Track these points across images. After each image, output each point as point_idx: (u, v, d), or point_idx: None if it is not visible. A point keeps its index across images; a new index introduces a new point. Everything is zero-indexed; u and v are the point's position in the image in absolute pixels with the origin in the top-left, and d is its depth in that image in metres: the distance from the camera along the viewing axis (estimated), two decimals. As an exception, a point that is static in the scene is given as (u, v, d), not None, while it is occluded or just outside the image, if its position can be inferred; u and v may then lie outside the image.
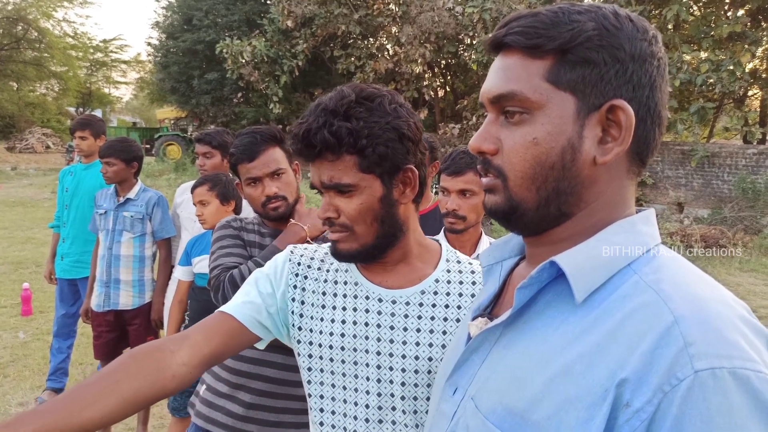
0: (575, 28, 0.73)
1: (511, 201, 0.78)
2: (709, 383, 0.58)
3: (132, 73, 40.62)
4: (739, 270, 8.47)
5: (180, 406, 2.77)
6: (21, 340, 5.15)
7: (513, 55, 0.77)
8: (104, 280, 3.37)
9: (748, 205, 11.37)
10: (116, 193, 3.41)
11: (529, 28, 0.74)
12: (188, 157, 20.92)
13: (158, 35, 23.23)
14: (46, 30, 30.65)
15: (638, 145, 0.75)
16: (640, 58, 0.73)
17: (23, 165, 23.15)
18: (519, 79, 0.75)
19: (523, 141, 0.75)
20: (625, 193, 0.77)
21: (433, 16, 14.80)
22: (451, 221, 2.12)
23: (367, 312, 1.20)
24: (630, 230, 0.75)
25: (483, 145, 0.79)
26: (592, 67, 0.72)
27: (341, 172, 1.12)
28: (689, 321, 0.62)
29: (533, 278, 0.74)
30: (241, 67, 17.13)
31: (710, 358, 0.59)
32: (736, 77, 11.63)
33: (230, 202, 2.76)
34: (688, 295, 0.66)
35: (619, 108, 0.72)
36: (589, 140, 0.74)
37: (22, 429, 0.90)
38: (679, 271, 0.71)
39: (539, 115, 0.74)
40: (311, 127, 1.11)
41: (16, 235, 9.90)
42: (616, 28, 0.73)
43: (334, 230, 1.18)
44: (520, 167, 0.76)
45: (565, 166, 0.74)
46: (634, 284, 0.69)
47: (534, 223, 0.79)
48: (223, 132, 3.38)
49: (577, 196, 0.76)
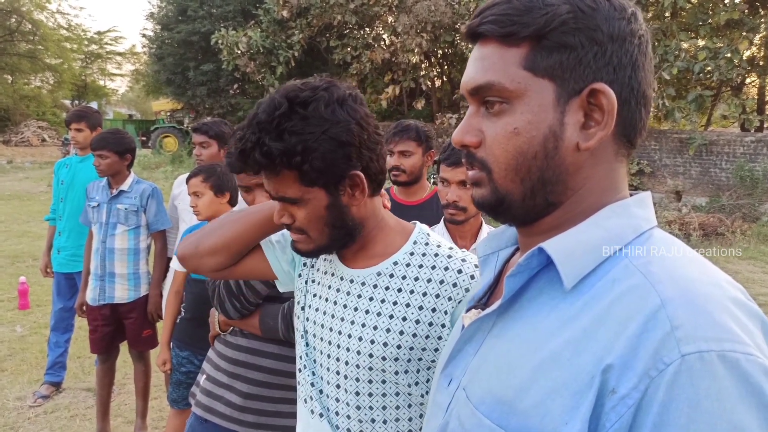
0: (549, 12, 0.70)
1: (497, 193, 0.77)
2: (697, 367, 0.56)
3: (127, 65, 40.52)
4: (737, 258, 8.48)
5: (179, 398, 2.75)
6: (18, 334, 5.13)
7: (489, 44, 0.75)
8: (99, 274, 3.34)
9: (746, 192, 11.38)
10: (109, 185, 3.38)
11: (502, 16, 0.73)
12: (185, 149, 20.85)
13: (153, 26, 23.08)
14: (39, 22, 30.45)
15: (624, 127, 0.74)
16: (619, 38, 0.71)
17: (19, 158, 23.07)
18: (496, 69, 0.74)
19: (504, 132, 0.74)
20: (615, 177, 0.76)
21: (429, 5, 14.72)
22: (452, 212, 2.11)
23: (338, 291, 1.26)
24: (622, 213, 0.73)
25: (465, 138, 0.78)
26: (569, 51, 0.71)
27: (284, 186, 1.13)
28: (676, 303, 0.60)
29: (521, 266, 0.74)
30: (237, 58, 17.03)
31: (698, 341, 0.57)
32: (734, 65, 11.61)
33: (225, 194, 2.73)
34: (678, 277, 0.64)
35: (599, 91, 0.71)
36: (571, 126, 0.72)
37: None
38: (671, 253, 0.69)
39: (518, 105, 0.73)
40: (245, 147, 1.10)
41: (12, 228, 9.87)
42: (592, 9, 0.71)
43: (291, 233, 1.22)
44: (503, 158, 0.74)
45: (548, 155, 0.73)
46: (623, 268, 0.68)
47: (522, 214, 0.78)
48: (220, 122, 3.37)
49: (563, 184, 0.74)
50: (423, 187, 2.86)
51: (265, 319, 1.81)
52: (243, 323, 1.86)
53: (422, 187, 2.86)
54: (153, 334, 3.50)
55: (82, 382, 4.22)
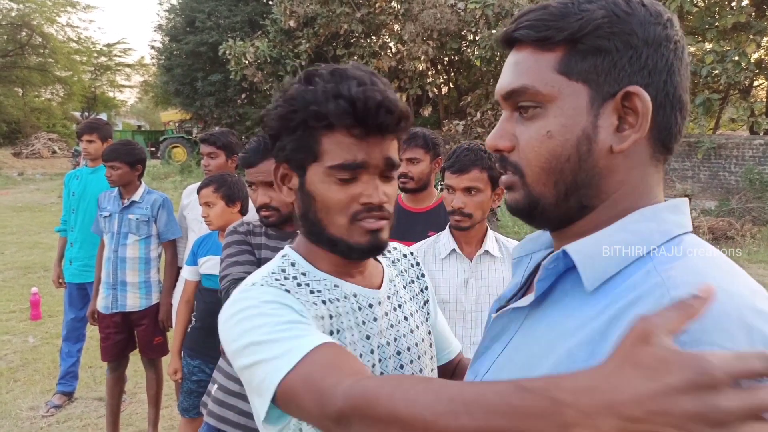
0: (584, 17, 0.71)
1: (530, 197, 0.77)
2: None
3: (136, 77, 40.69)
4: (747, 261, 8.42)
5: (190, 406, 2.77)
6: (30, 344, 5.17)
7: (524, 49, 0.76)
8: (111, 283, 3.38)
9: (755, 196, 11.30)
10: (120, 195, 3.42)
11: (538, 21, 0.73)
12: (193, 159, 20.95)
13: (161, 38, 23.28)
14: (50, 35, 30.75)
15: (659, 132, 0.73)
16: (654, 43, 0.71)
17: (30, 170, 23.25)
18: (530, 73, 0.74)
19: (537, 135, 0.74)
20: (649, 181, 0.75)
21: (435, 12, 14.76)
22: (457, 219, 2.12)
23: (372, 311, 1.09)
24: (652, 218, 0.72)
25: (499, 143, 0.78)
26: (604, 55, 0.71)
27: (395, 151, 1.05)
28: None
29: (547, 269, 0.74)
30: (245, 68, 17.14)
31: (703, 346, 0.56)
32: (742, 68, 11.57)
33: (236, 203, 2.76)
34: (695, 281, 0.62)
35: (634, 94, 0.70)
36: (604, 129, 0.72)
37: None
38: (698, 259, 0.68)
39: (552, 108, 0.73)
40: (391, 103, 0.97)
41: (23, 240, 9.95)
42: (627, 14, 0.71)
43: (382, 216, 1.02)
44: (536, 162, 0.75)
45: (581, 158, 0.73)
46: (646, 272, 0.67)
47: (556, 218, 0.77)
48: (228, 133, 3.39)
49: (596, 188, 0.74)
50: (430, 194, 2.87)
51: None
52: None
53: (430, 195, 2.87)
54: (164, 342, 3.53)
55: (94, 392, 4.25)
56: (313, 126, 0.97)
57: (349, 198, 0.98)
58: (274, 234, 2.02)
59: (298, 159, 1.01)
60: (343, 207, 0.99)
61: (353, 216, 0.99)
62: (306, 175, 1.01)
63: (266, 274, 1.04)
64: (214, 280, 2.63)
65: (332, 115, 0.95)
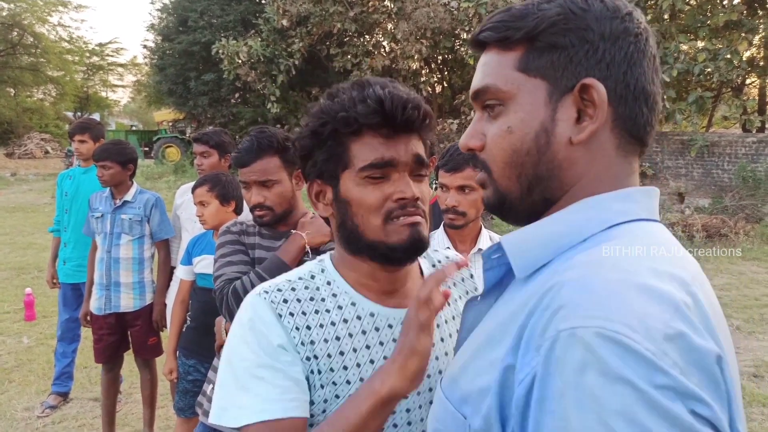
0: (539, 16, 0.74)
1: (498, 192, 0.80)
2: (569, 342, 0.57)
3: (129, 76, 40.59)
4: (741, 259, 8.46)
5: (185, 406, 2.77)
6: (25, 345, 5.16)
7: (490, 51, 0.80)
8: (104, 284, 3.36)
9: (748, 193, 11.36)
10: (112, 195, 3.41)
11: (499, 23, 0.78)
12: (187, 158, 20.89)
13: (154, 37, 23.16)
14: (41, 35, 30.60)
15: (624, 122, 0.74)
16: (611, 37, 0.73)
17: (23, 171, 23.14)
18: (493, 73, 0.78)
19: (500, 131, 0.77)
20: (615, 172, 0.75)
21: (428, 11, 14.77)
22: (451, 217, 2.12)
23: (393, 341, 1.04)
24: (594, 206, 0.73)
25: (470, 142, 0.82)
26: (560, 50, 0.74)
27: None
28: (570, 286, 0.62)
29: (489, 259, 0.80)
30: (238, 68, 17.10)
31: (573, 318, 0.58)
32: (734, 66, 11.61)
33: (230, 203, 2.76)
34: (595, 264, 0.64)
35: (589, 86, 0.73)
36: (563, 122, 0.74)
37: None
38: (619, 246, 0.67)
39: (512, 104, 0.76)
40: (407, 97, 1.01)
41: (17, 240, 9.91)
42: (583, 10, 0.74)
43: (416, 212, 1.01)
44: (500, 157, 0.78)
45: (540, 150, 0.75)
46: (566, 259, 0.69)
47: (523, 212, 0.80)
48: (220, 132, 3.39)
49: (558, 180, 0.76)
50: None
51: None
52: None
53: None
54: (158, 342, 3.52)
55: (90, 392, 4.24)
56: (342, 133, 1.00)
57: (382, 196, 1.00)
58: (268, 234, 2.03)
59: (330, 169, 1.03)
60: (377, 206, 1.00)
61: (387, 215, 1.00)
62: (339, 184, 1.03)
63: (291, 279, 1.06)
64: (208, 279, 2.63)
65: (361, 116, 0.98)
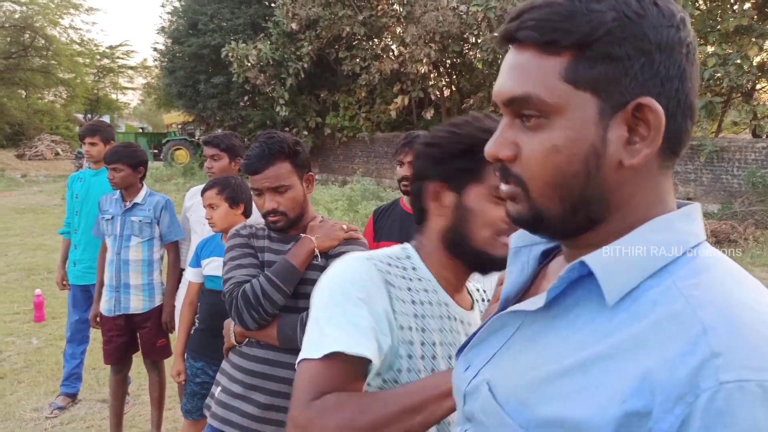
0: (594, 20, 0.65)
1: (534, 210, 0.72)
2: (736, 396, 0.53)
3: (139, 79, 40.90)
4: (750, 264, 8.41)
5: (193, 408, 2.78)
6: (34, 346, 5.19)
7: (526, 50, 0.69)
8: (114, 285, 3.38)
9: (758, 199, 11.28)
10: (122, 198, 3.43)
11: (544, 22, 0.67)
12: (196, 161, 21.00)
13: (164, 40, 23.31)
14: (53, 37, 30.89)
15: (669, 140, 0.68)
16: (667, 48, 0.65)
17: (33, 172, 23.31)
18: (534, 80, 0.68)
19: (542, 148, 0.69)
20: (660, 190, 0.71)
21: (437, 15, 14.80)
22: None
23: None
24: (667, 228, 0.69)
25: (500, 152, 0.73)
26: (615, 62, 0.65)
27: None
28: (718, 330, 0.57)
29: (563, 279, 0.70)
30: (247, 71, 17.19)
31: (738, 369, 0.54)
32: (744, 71, 11.56)
33: (239, 205, 2.77)
34: (722, 302, 0.60)
35: (646, 106, 0.65)
36: (614, 143, 0.67)
37: None
38: (718, 274, 0.65)
39: (558, 120, 0.68)
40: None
41: (27, 241, 9.98)
42: (639, 16, 0.65)
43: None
44: (541, 176, 0.70)
45: (590, 173, 0.68)
46: (665, 289, 0.64)
47: (563, 231, 0.74)
48: (231, 135, 3.40)
49: (606, 202, 0.69)
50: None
51: (284, 329, 1.83)
52: (260, 334, 1.88)
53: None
54: (167, 344, 3.54)
55: (98, 394, 4.26)
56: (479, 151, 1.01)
57: (503, 216, 1.07)
58: (277, 237, 2.03)
59: (461, 178, 1.15)
60: (495, 223, 1.13)
61: (497, 231, 1.13)
62: (464, 193, 1.15)
63: (386, 255, 1.18)
64: (217, 281, 2.64)
65: None
